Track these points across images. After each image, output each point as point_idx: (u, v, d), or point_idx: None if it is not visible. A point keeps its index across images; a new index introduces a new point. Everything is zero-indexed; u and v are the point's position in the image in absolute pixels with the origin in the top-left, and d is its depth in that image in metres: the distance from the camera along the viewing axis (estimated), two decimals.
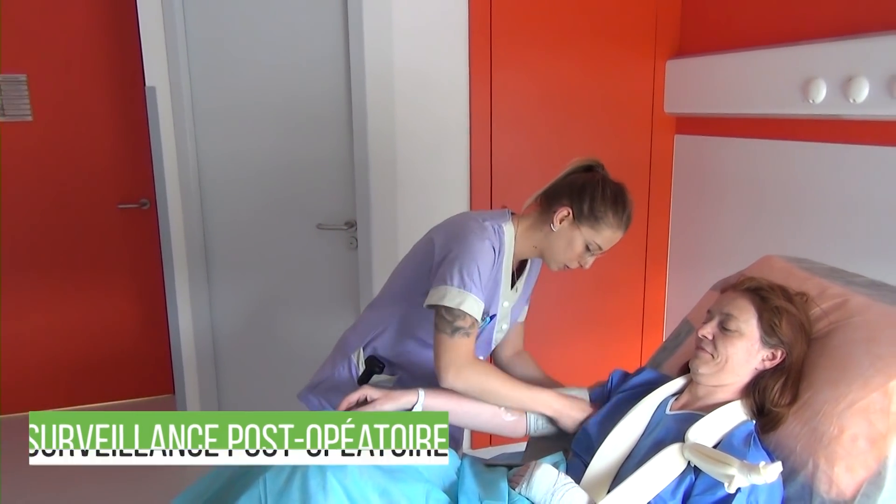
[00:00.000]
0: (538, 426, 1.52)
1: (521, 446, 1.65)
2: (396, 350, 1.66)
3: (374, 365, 1.66)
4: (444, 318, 1.42)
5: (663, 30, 2.63)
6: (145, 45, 2.55)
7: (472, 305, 1.42)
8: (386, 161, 2.51)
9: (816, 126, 2.06)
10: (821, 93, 1.93)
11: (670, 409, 1.33)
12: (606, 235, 1.49)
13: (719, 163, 2.49)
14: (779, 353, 1.26)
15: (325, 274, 2.70)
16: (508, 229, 1.55)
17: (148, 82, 2.58)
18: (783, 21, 2.16)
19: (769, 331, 1.25)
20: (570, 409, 1.49)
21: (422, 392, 1.43)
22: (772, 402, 1.25)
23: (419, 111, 2.51)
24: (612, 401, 1.44)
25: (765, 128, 2.26)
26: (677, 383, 1.38)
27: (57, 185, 3.14)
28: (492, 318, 1.61)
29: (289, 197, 2.67)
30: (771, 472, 1.06)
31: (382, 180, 2.52)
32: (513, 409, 1.51)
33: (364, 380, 1.65)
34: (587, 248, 1.50)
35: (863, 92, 1.80)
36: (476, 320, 1.44)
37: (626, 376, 1.52)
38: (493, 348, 1.72)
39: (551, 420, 1.51)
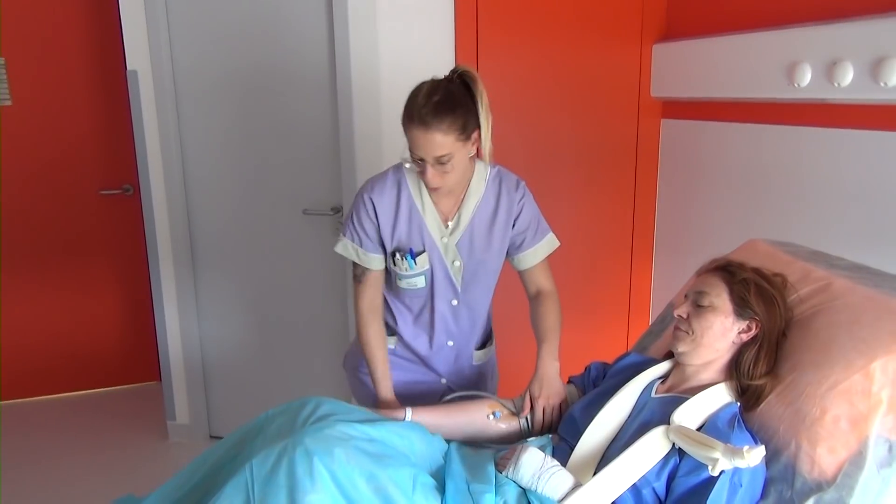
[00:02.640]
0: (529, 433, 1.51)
1: None
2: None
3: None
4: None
5: (650, 14, 2.62)
6: (126, 27, 2.51)
7: (343, 248, 1.63)
8: (372, 146, 2.49)
9: (801, 110, 2.06)
10: (806, 77, 1.93)
11: (656, 392, 1.34)
12: (410, 139, 1.45)
13: (706, 147, 2.49)
14: (754, 326, 1.29)
15: (311, 260, 2.69)
16: (411, 165, 1.53)
17: (129, 66, 2.54)
18: (769, 5, 2.16)
19: (740, 302, 1.29)
20: (382, 412, 1.45)
21: (409, 411, 1.45)
22: (747, 374, 1.27)
23: (405, 96, 2.48)
24: (599, 388, 1.45)
25: (750, 112, 2.26)
26: (663, 367, 1.39)
27: (37, 172, 3.10)
28: (413, 254, 1.58)
29: (274, 182, 2.64)
30: (754, 457, 1.07)
31: (368, 165, 2.50)
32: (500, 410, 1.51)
33: None
34: (413, 159, 1.48)
35: (847, 76, 1.80)
36: (356, 264, 1.63)
37: (605, 366, 1.53)
38: (459, 286, 1.64)
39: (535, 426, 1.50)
